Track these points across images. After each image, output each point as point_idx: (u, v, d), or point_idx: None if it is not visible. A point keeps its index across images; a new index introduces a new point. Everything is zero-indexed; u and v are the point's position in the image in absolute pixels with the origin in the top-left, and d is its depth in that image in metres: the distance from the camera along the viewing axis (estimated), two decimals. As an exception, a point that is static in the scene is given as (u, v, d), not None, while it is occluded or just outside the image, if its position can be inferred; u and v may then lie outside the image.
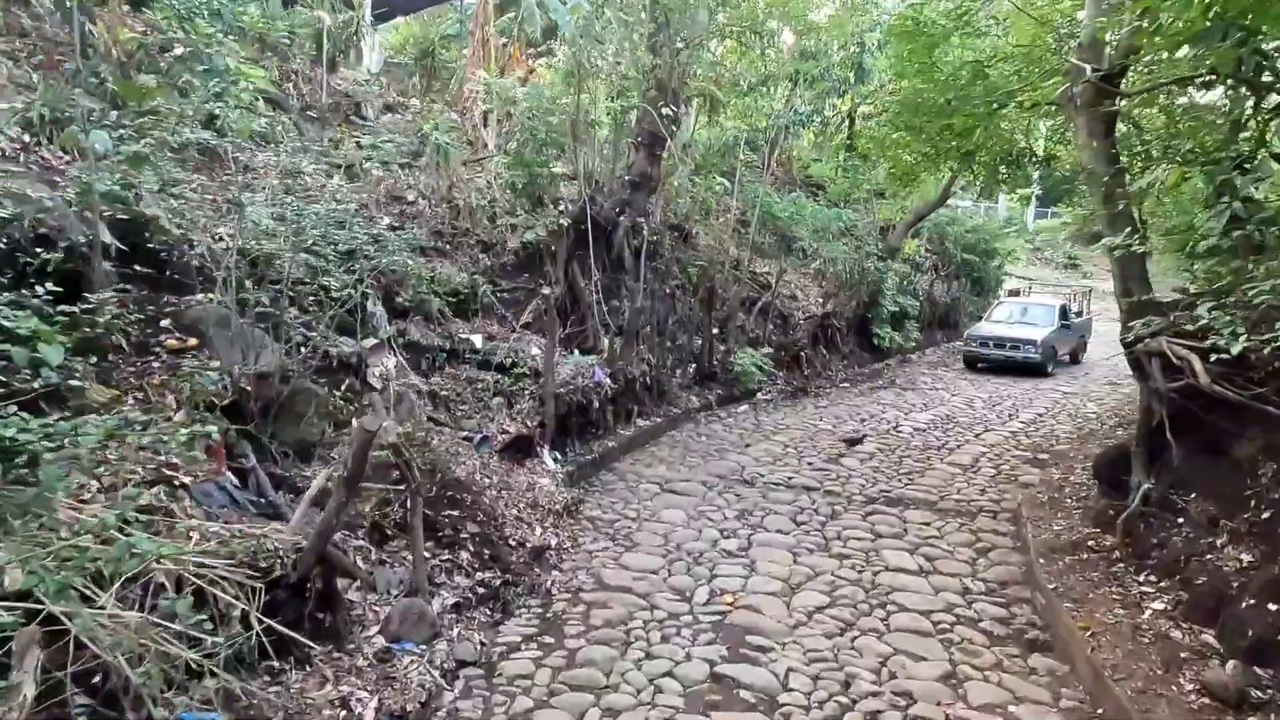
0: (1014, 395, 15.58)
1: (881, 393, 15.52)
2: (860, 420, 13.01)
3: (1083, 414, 13.91)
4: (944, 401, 14.81)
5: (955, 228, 23.72)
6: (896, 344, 19.01)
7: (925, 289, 21.70)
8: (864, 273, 18.11)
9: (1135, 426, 11.27)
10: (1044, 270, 40.56)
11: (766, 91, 20.44)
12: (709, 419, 12.54)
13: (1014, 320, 19.04)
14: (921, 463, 10.53)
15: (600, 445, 9.84)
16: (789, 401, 14.29)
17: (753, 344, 15.15)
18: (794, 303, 17.69)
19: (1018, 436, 12.21)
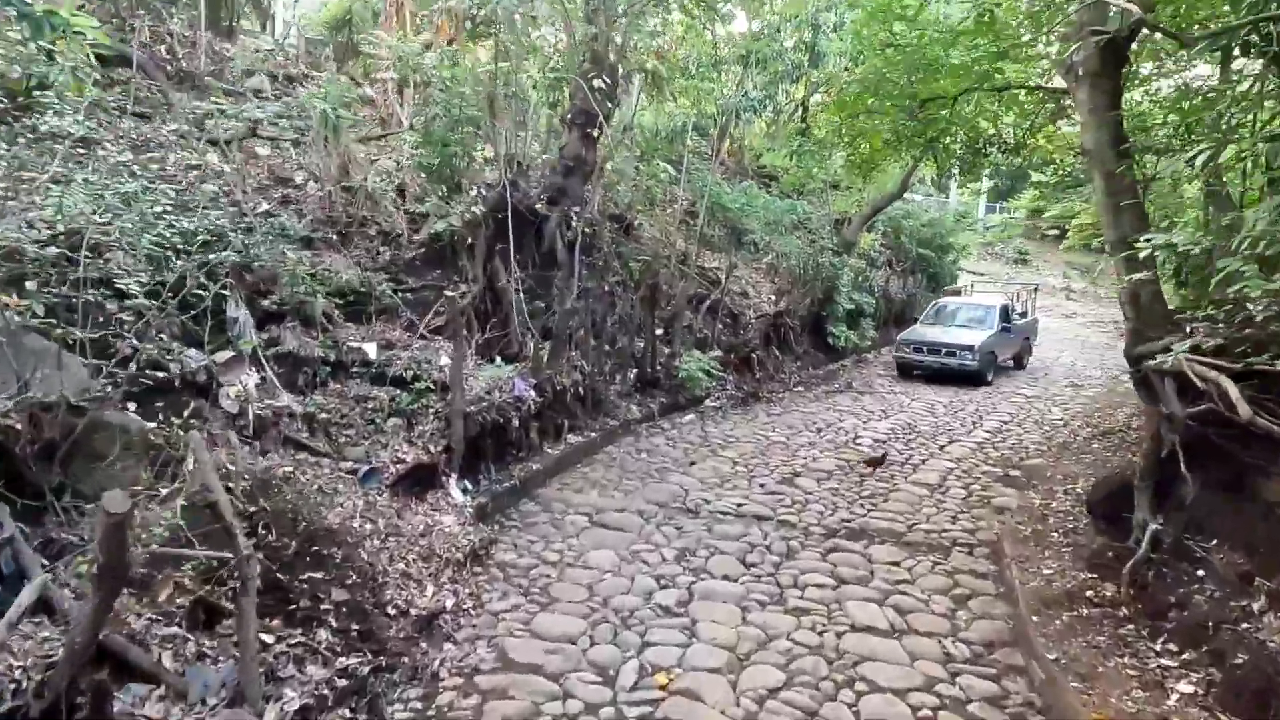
0: (975, 400, 14.68)
1: (838, 397, 14.48)
2: (816, 430, 11.92)
3: (1049, 420, 13.05)
4: (903, 407, 13.82)
5: (911, 221, 22.88)
6: (852, 343, 18.03)
7: (881, 285, 20.79)
8: (818, 268, 17.06)
9: (1120, 440, 10.49)
10: (994, 265, 40.33)
11: (716, 75, 19.28)
12: (651, 431, 11.29)
13: (951, 323, 17.40)
14: (884, 482, 9.45)
15: (522, 469, 8.51)
16: (739, 409, 13.13)
17: (700, 345, 13.97)
18: (745, 300, 16.56)
19: (984, 448, 11.23)
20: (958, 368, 15.86)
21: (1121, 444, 10.12)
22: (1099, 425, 11.64)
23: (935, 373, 16.11)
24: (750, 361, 14.64)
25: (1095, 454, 9.93)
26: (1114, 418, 12.23)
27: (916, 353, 16.46)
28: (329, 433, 6.73)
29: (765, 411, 13.06)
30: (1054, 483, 8.89)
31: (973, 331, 16.66)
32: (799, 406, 13.58)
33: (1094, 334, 25.50)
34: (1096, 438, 10.81)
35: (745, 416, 12.64)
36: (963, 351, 15.93)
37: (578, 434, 9.99)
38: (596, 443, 10.15)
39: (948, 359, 16.00)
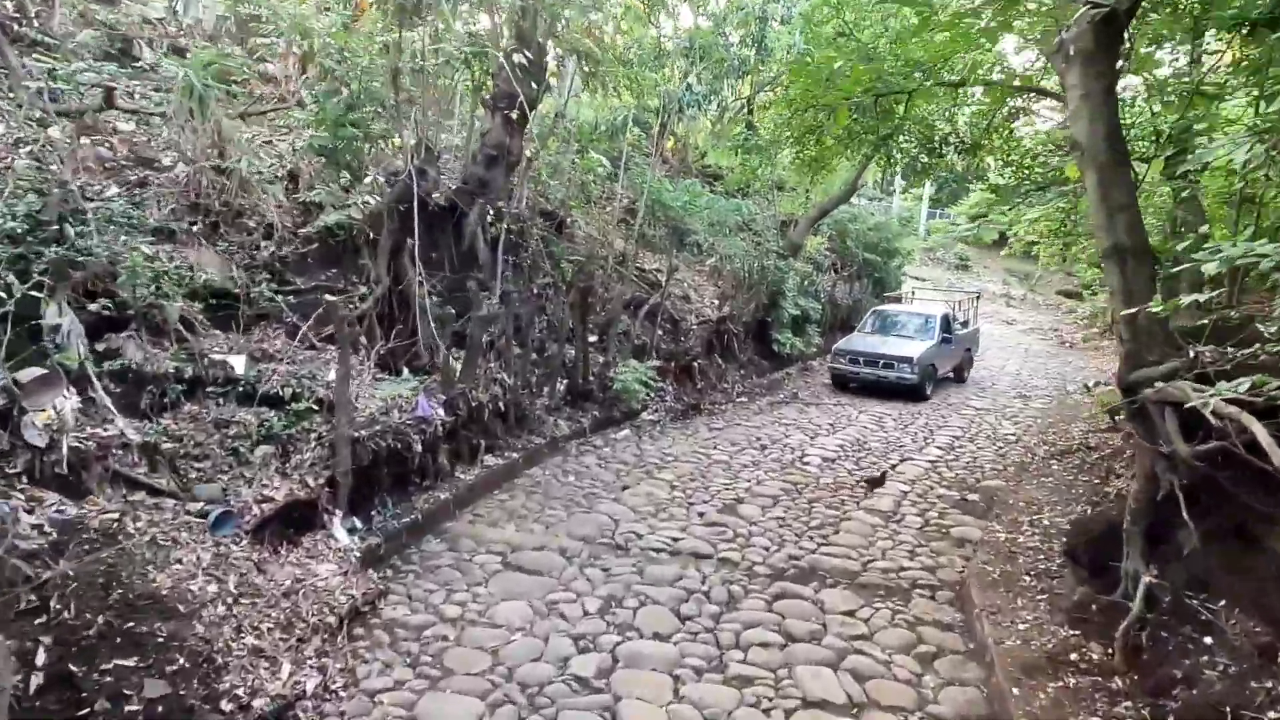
0: (924, 412, 14.04)
1: (783, 409, 13.67)
2: (761, 447, 11.05)
3: (1001, 435, 12.45)
4: (852, 420, 13.07)
5: (857, 225, 22.35)
6: (798, 350, 17.30)
7: (827, 290, 20.15)
8: (763, 272, 16.28)
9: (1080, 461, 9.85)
10: (936, 270, 40.46)
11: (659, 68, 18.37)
12: (582, 449, 10.26)
13: (889, 332, 16.35)
14: (835, 509, 8.60)
15: (427, 499, 7.39)
16: (679, 422, 12.19)
17: (639, 353, 12.99)
18: (687, 305, 15.65)
19: (938, 467, 10.51)
20: (895, 381, 14.92)
21: (1082, 466, 9.49)
22: (1054, 443, 11.05)
23: (871, 386, 15.20)
24: (691, 371, 13.74)
25: (1056, 477, 9.28)
26: (1068, 434, 11.67)
27: (852, 364, 15.43)
28: (176, 466, 5.52)
29: (707, 425, 12.15)
30: (1016, 511, 8.15)
31: (912, 342, 15.72)
32: (742, 420, 12.71)
33: (1035, 342, 25.41)
34: (1054, 457, 10.19)
35: (685, 431, 11.70)
36: (901, 364, 14.97)
37: (497, 455, 8.90)
38: (519, 465, 9.08)
39: (885, 371, 15.04)
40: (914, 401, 14.84)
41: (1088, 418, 12.71)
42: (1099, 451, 9.91)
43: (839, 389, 15.75)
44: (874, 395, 15.10)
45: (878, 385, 15.11)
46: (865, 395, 15.15)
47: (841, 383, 15.74)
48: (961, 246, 42.93)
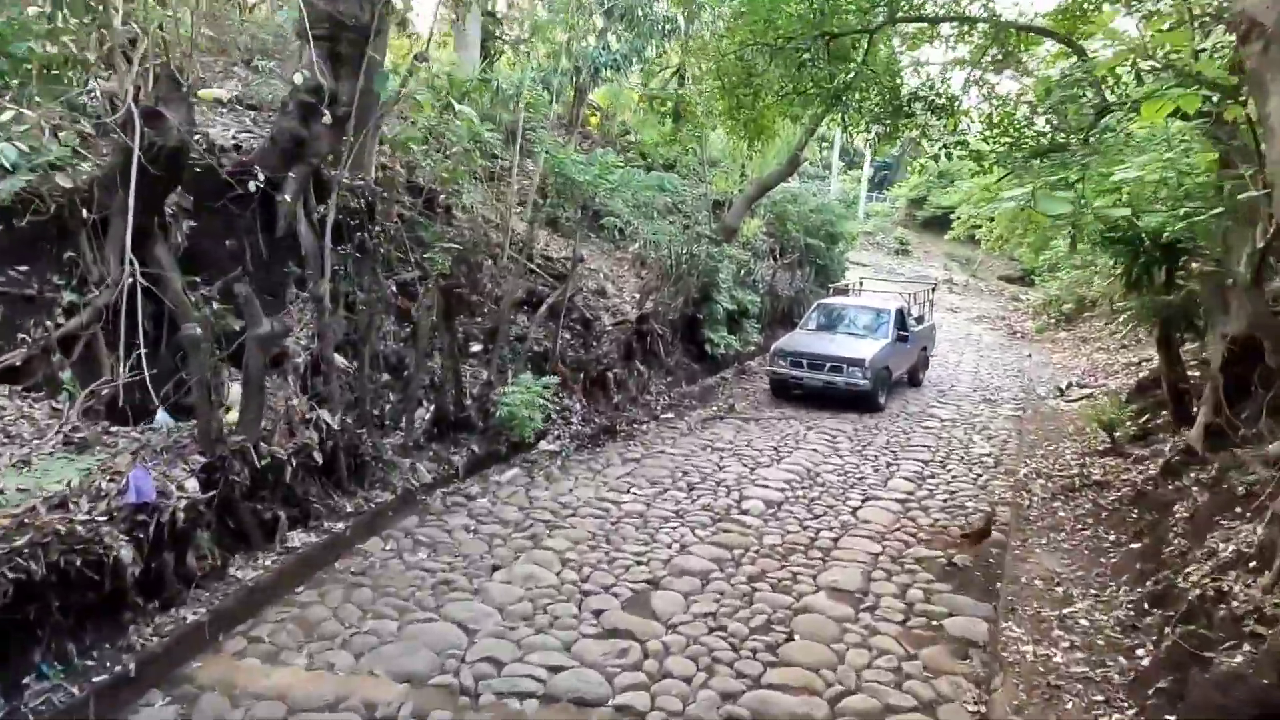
0: (883, 427, 11.87)
1: (717, 426, 11.31)
2: (688, 486, 8.67)
3: (976, 457, 10.34)
4: (799, 441, 10.79)
5: (798, 206, 20.16)
6: (734, 350, 14.99)
7: (766, 279, 17.90)
8: (694, 260, 13.90)
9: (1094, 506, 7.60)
10: (876, 255, 38.89)
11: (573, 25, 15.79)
12: (449, 503, 7.69)
13: (836, 329, 14.03)
14: (785, 593, 6.25)
15: (157, 633, 4.73)
16: (587, 452, 9.70)
17: (539, 364, 10.45)
18: (602, 301, 13.15)
19: (910, 510, 8.29)
20: (845, 388, 12.59)
21: (1099, 513, 7.37)
22: (1049, 473, 8.95)
23: (817, 393, 12.82)
24: (605, 383, 11.25)
25: (1069, 531, 7.13)
26: (1061, 459, 9.61)
27: (794, 366, 13.02)
28: None
29: (622, 455, 9.69)
30: (1034, 594, 5.94)
31: (863, 341, 13.32)
32: (667, 444, 10.30)
33: (985, 332, 23.71)
34: (1056, 496, 8.06)
35: (593, 465, 9.22)
36: (851, 367, 12.60)
37: (312, 529, 6.27)
38: (346, 536, 6.46)
39: (833, 376, 12.67)
40: (867, 412, 12.67)
41: (1075, 434, 10.70)
42: (1113, 490, 7.81)
43: (780, 396, 13.46)
44: (821, 404, 12.85)
45: (825, 392, 12.83)
46: (811, 405, 12.90)
47: (782, 389, 13.38)
48: (901, 230, 41.54)
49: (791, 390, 13.24)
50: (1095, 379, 14.31)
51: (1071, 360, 16.98)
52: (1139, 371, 13.80)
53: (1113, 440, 9.42)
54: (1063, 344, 19.29)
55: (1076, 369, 15.89)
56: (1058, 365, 16.76)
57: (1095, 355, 16.47)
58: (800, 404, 12.95)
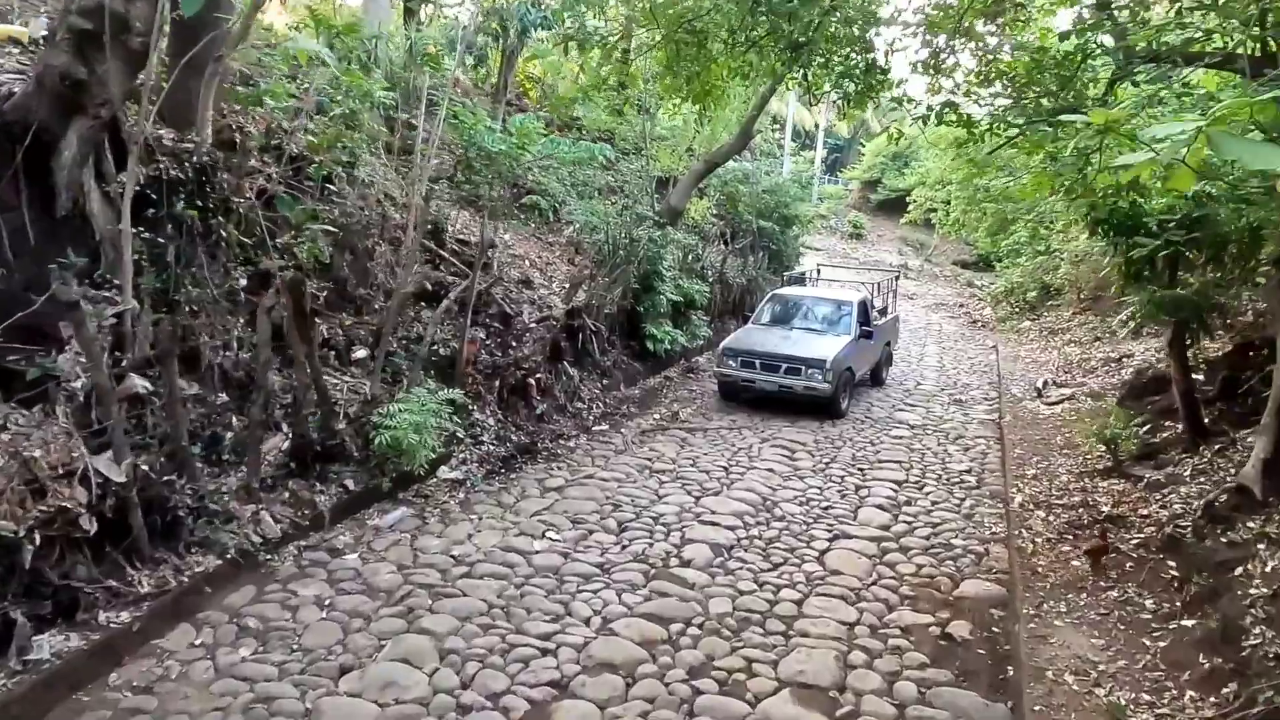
0: (847, 437, 10.40)
1: (659, 441, 9.69)
2: (618, 526, 7.06)
3: (956, 476, 8.94)
4: (752, 458, 9.25)
5: (749, 187, 18.60)
6: (679, 346, 13.39)
7: (715, 266, 16.33)
8: (634, 245, 12.22)
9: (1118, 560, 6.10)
10: (830, 240, 37.71)
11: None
12: (306, 562, 5.93)
13: (793, 324, 12.37)
14: (737, 695, 4.68)
15: None
16: (499, 480, 8.00)
17: (445, 371, 8.71)
18: (527, 292, 11.41)
19: (887, 553, 6.81)
20: (803, 392, 11.00)
21: (1121, 563, 5.94)
22: (1046, 500, 7.54)
23: (772, 397, 11.26)
24: (527, 390, 9.54)
25: (1089, 587, 5.69)
26: (1054, 478, 8.23)
27: (746, 368, 11.35)
28: None
29: (541, 482, 8.01)
30: (1063, 698, 4.44)
31: (823, 339, 11.69)
32: (598, 465, 8.65)
33: (944, 320, 22.55)
34: (1066, 535, 6.63)
35: (504, 499, 7.53)
36: (810, 368, 10.96)
37: (82, 623, 4.48)
38: (134, 632, 4.67)
39: (790, 379, 11.05)
40: (829, 418, 11.19)
41: (1065, 446, 9.37)
42: (1134, 529, 6.42)
43: (730, 400, 11.88)
44: (777, 408, 11.34)
45: (780, 397, 11.23)
46: (766, 409, 11.37)
47: (732, 393, 11.79)
48: (855, 214, 40.44)
49: (741, 394, 11.66)
50: (1072, 377, 13.11)
51: (1041, 354, 15.82)
52: (1120, 368, 12.62)
53: (1114, 458, 8.08)
54: (1028, 335, 18.16)
55: (1049, 364, 14.70)
56: (1027, 359, 15.56)
57: (1067, 349, 15.31)
58: (754, 408, 11.41)
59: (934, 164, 31.50)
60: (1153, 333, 13.87)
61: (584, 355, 11.27)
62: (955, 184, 28.12)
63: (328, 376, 7.52)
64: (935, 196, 32.08)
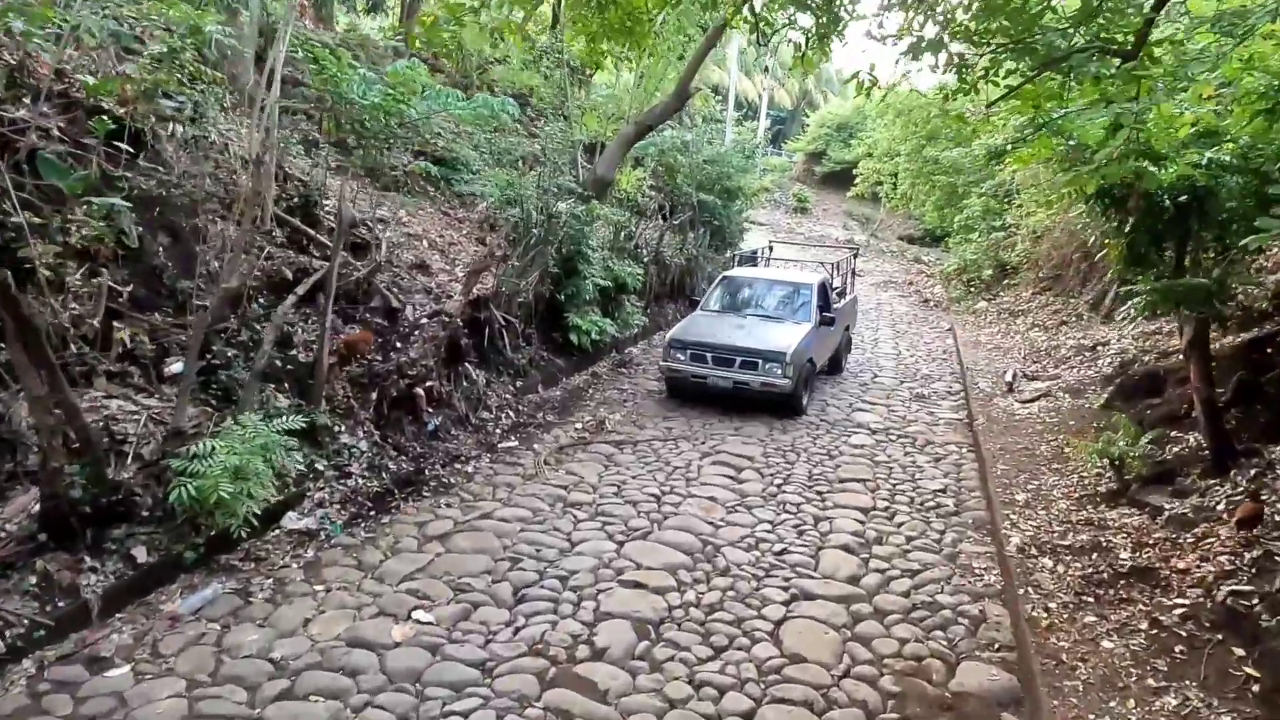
0: (800, 448, 8.89)
1: (579, 460, 8.03)
2: (512, 596, 5.41)
3: (932, 498, 7.53)
4: (690, 481, 7.66)
5: (688, 157, 16.93)
6: (609, 337, 11.72)
7: (652, 245, 14.66)
8: (552, 222, 10.46)
9: (1158, 632, 4.44)
10: (774, 214, 36.34)
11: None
12: (46, 688, 4.12)
13: (746, 310, 11.03)
14: None
15: None
16: (365, 527, 6.24)
17: (303, 383, 6.88)
18: (422, 280, 9.56)
19: (860, 622, 5.32)
20: (760, 389, 9.67)
21: (1168, 645, 4.52)
22: (1048, 540, 6.12)
23: (726, 395, 9.90)
24: (414, 403, 7.76)
25: (1133, 683, 4.25)
26: (1051, 506, 6.84)
27: (696, 362, 9.96)
28: None
29: (422, 527, 6.29)
30: None
31: (781, 328, 10.35)
32: (500, 498, 6.96)
33: (895, 299, 21.29)
34: (1084, 594, 5.20)
35: (368, 556, 5.78)
36: (769, 362, 9.65)
37: None
38: None
39: (745, 374, 9.74)
40: (787, 415, 9.80)
41: (1054, 459, 8.01)
42: (1172, 590, 5.02)
43: (673, 396, 10.35)
44: (721, 411, 9.81)
45: (736, 395, 9.83)
46: (709, 412, 9.83)
47: (679, 390, 10.28)
48: (800, 187, 39.11)
49: (691, 391, 10.15)
50: (1043, 368, 11.87)
51: (1003, 339, 14.60)
52: (1095, 358, 11.40)
53: (1121, 480, 6.73)
54: (986, 317, 16.97)
55: (1014, 351, 13.48)
56: (989, 346, 14.33)
57: (1032, 334, 14.12)
58: (695, 412, 9.84)
59: (882, 134, 30.42)
60: (1127, 318, 12.77)
61: (492, 354, 9.52)
62: (904, 155, 27.16)
63: (129, 400, 5.65)
64: (882, 169, 31.03)
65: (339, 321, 8.05)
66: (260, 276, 7.54)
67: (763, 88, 43.23)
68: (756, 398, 9.80)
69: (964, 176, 23.59)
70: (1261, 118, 5.85)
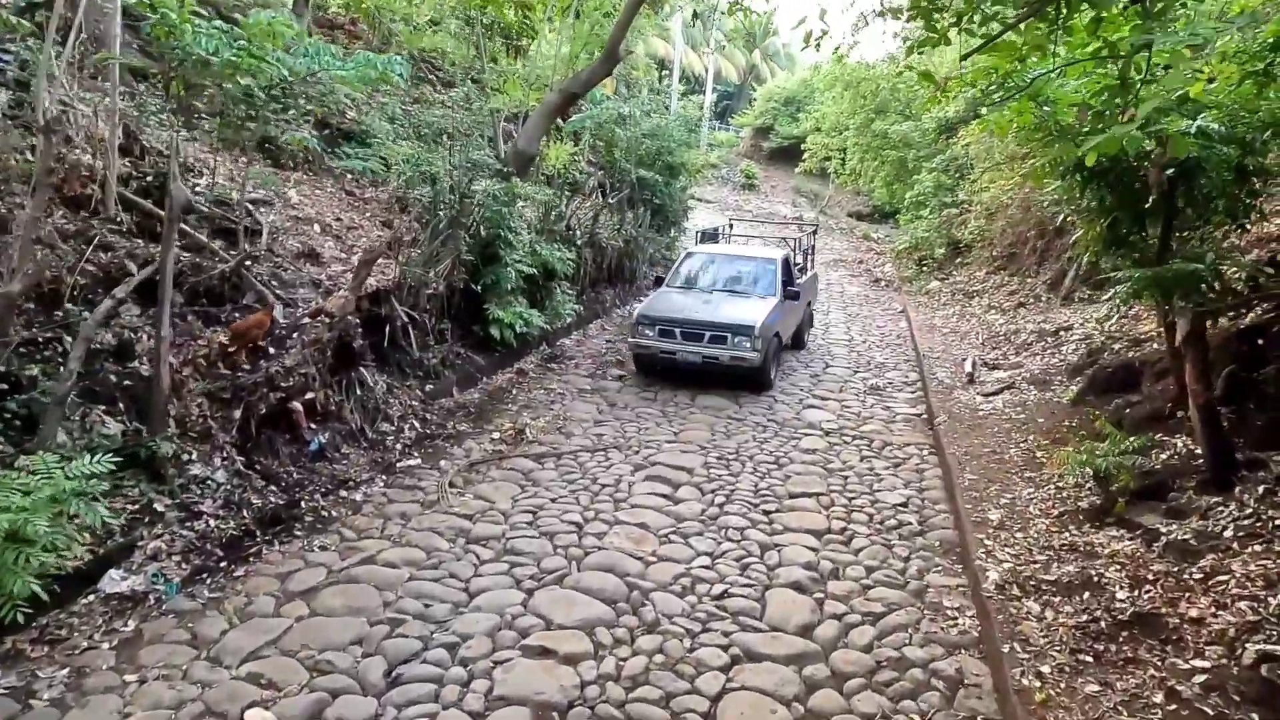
0: (746, 455, 7.92)
1: (488, 482, 6.93)
2: (389, 668, 4.31)
3: (894, 514, 6.63)
4: (618, 500, 6.63)
5: (627, 130, 15.77)
6: (536, 330, 10.56)
7: (586, 226, 13.50)
8: (466, 204, 9.25)
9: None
10: (721, 191, 35.35)
11: None
12: None
13: (712, 286, 11.06)
14: None
15: None
16: (211, 583, 5.07)
17: (141, 404, 5.64)
18: (311, 270, 8.31)
19: (816, 691, 4.38)
20: (730, 363, 9.67)
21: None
22: (1030, 574, 5.24)
23: (695, 371, 9.88)
24: (291, 420, 6.55)
25: None
26: (1029, 526, 5.97)
27: (665, 337, 9.93)
28: None
29: (283, 583, 5.14)
30: None
31: (748, 302, 10.37)
32: (390, 533, 5.84)
33: (846, 279, 20.52)
34: (1078, 660, 4.31)
35: (202, 631, 4.61)
36: (738, 337, 9.64)
37: None
38: None
39: (715, 348, 9.71)
40: (754, 390, 9.92)
41: (1027, 466, 7.17)
42: (1181, 644, 4.15)
43: (643, 372, 10.39)
44: (667, 407, 8.82)
45: (705, 370, 9.83)
46: (647, 410, 8.83)
47: (648, 366, 10.34)
48: (747, 163, 38.14)
49: (658, 367, 10.23)
50: (1004, 355, 11.12)
51: (959, 322, 13.87)
52: (1058, 344, 10.68)
53: (1106, 494, 5.91)
54: (939, 297, 16.25)
55: (971, 335, 12.73)
56: (945, 330, 13.57)
57: (989, 316, 13.40)
58: (629, 413, 8.82)
59: (830, 108, 29.55)
60: (1087, 299, 12.11)
61: (396, 354, 8.33)
62: (852, 129, 26.33)
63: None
64: (831, 144, 30.19)
65: (200, 324, 6.78)
66: (95, 273, 6.24)
67: (708, 61, 42.10)
68: (726, 372, 9.77)
69: (914, 151, 22.89)
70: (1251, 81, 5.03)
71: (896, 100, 24.99)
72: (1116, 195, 6.20)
